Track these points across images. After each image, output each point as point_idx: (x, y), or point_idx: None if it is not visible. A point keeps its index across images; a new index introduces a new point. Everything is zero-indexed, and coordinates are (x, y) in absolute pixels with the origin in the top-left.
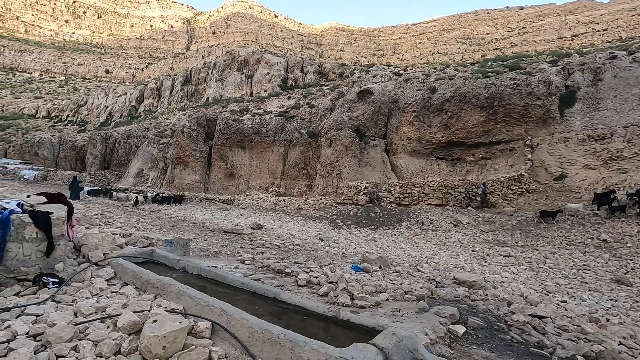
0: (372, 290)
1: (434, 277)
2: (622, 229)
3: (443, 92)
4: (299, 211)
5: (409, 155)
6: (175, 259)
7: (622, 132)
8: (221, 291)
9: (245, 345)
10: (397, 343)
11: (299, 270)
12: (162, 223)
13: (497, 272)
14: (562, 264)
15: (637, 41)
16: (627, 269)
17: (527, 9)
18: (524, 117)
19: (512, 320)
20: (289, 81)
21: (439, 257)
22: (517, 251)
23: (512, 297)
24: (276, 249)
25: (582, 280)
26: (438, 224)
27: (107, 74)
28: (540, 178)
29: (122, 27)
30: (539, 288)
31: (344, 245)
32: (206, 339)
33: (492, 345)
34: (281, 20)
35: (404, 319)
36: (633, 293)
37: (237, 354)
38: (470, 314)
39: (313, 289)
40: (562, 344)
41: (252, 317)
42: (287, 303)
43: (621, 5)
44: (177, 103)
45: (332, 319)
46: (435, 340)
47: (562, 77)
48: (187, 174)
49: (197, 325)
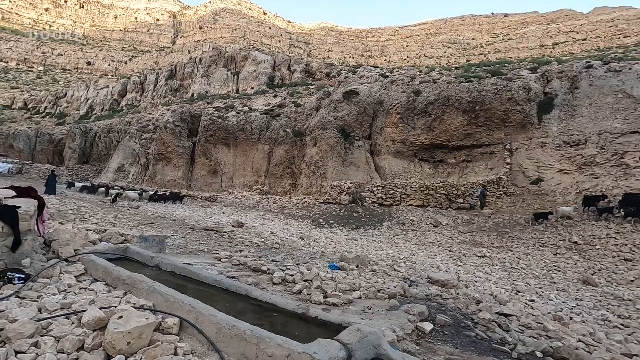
0: (345, 289)
1: (409, 276)
2: (592, 231)
3: (427, 95)
4: (282, 210)
5: (392, 156)
6: (149, 256)
7: (596, 138)
8: (194, 288)
9: (212, 341)
10: (361, 339)
11: (275, 268)
12: (141, 220)
13: (471, 272)
14: (533, 264)
15: (613, 51)
16: (594, 270)
17: (511, 16)
18: (504, 121)
19: (478, 318)
20: (275, 79)
21: (416, 256)
22: (492, 252)
23: (483, 296)
24: (255, 247)
25: (551, 281)
26: (418, 224)
27: (88, 66)
28: (518, 181)
29: (106, 18)
30: (510, 287)
31: (324, 244)
32: (173, 335)
33: (457, 341)
34: (270, 18)
35: (374, 316)
36: (597, 293)
37: (203, 349)
38: (439, 312)
39: (288, 286)
40: (523, 341)
41: (220, 314)
42: (259, 300)
43: (600, 17)
44: (160, 98)
45: (301, 316)
46: (403, 337)
47: (541, 84)
48: (170, 170)
49: (165, 321)
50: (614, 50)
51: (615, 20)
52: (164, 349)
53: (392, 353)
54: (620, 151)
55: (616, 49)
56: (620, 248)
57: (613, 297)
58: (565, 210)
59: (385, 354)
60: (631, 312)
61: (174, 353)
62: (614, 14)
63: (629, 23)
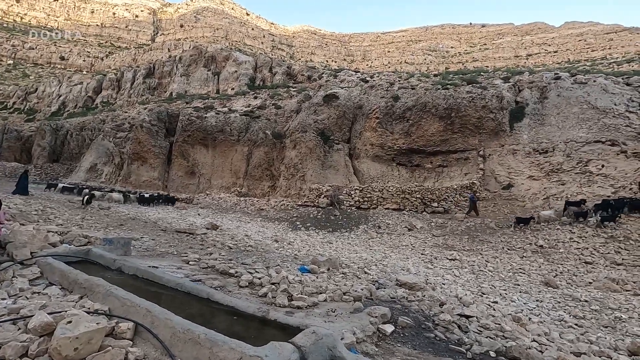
0: (312, 292)
1: (378, 279)
2: (557, 235)
3: (405, 100)
4: (260, 212)
5: (371, 160)
6: (112, 259)
7: (563, 147)
8: (155, 292)
9: (166, 345)
10: (315, 341)
11: (244, 271)
12: (110, 221)
13: (440, 275)
14: (501, 267)
15: (582, 64)
16: (556, 272)
17: (488, 27)
18: (479, 128)
19: (439, 320)
20: (257, 80)
21: (389, 259)
22: (463, 255)
23: (448, 298)
24: (227, 250)
25: (515, 283)
26: (394, 227)
27: (62, 61)
28: (490, 186)
29: (82, 12)
30: (476, 290)
31: (298, 247)
32: (127, 340)
33: (416, 343)
34: (253, 19)
35: (337, 318)
36: (557, 295)
37: (157, 354)
38: (402, 314)
39: (254, 290)
40: (479, 341)
41: (176, 317)
42: (220, 303)
43: (570, 31)
44: (138, 96)
45: (260, 319)
46: (363, 339)
47: (513, 93)
48: (145, 171)
49: (119, 326)
50: (583, 63)
51: (584, 34)
52: (113, 354)
53: (347, 355)
54: (584, 159)
55: (585, 62)
56: (582, 252)
57: (571, 298)
58: (546, 214)
59: (340, 356)
60: (586, 312)
61: (125, 358)
62: (583, 28)
63: (596, 38)
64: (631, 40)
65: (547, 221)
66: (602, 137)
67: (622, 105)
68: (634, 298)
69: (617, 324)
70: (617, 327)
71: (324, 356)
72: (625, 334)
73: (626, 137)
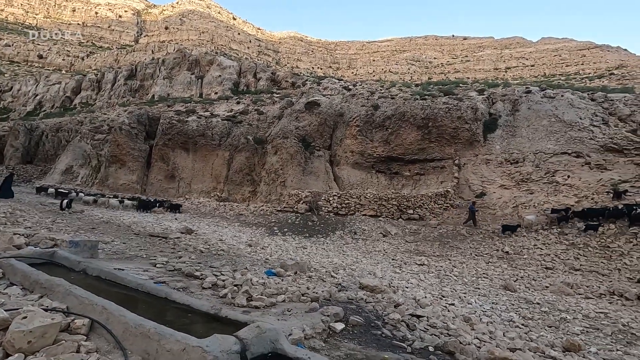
0: (272, 293)
1: (343, 282)
2: (522, 242)
3: (385, 109)
4: (238, 217)
5: (351, 167)
6: (77, 261)
7: (532, 157)
8: (117, 292)
9: (118, 339)
10: (258, 334)
11: (209, 274)
12: (82, 225)
13: (405, 279)
14: (466, 272)
15: (557, 78)
16: (517, 277)
17: (469, 39)
18: (454, 138)
19: (389, 319)
20: (241, 85)
21: (359, 264)
22: (432, 260)
23: (406, 300)
24: (198, 253)
25: (476, 287)
26: (369, 233)
27: (40, 59)
28: (464, 195)
29: (62, 10)
30: (437, 293)
31: (271, 251)
32: (81, 335)
33: (362, 339)
34: (239, 23)
35: (290, 317)
36: (513, 297)
37: (109, 348)
38: (355, 314)
39: (217, 291)
40: (423, 338)
41: (130, 314)
42: (177, 302)
43: (547, 46)
44: (118, 98)
45: (213, 316)
46: (312, 335)
47: (487, 105)
48: (123, 174)
49: (74, 322)
50: (558, 77)
51: (559, 50)
52: (65, 347)
53: (288, 348)
54: (552, 170)
55: (559, 76)
56: (544, 258)
57: (525, 301)
58: (529, 218)
59: (282, 348)
60: (535, 313)
61: (77, 351)
62: (558, 44)
63: (570, 54)
64: (602, 57)
65: (531, 225)
66: (568, 149)
67: (587, 119)
68: (584, 301)
69: (561, 324)
70: (561, 327)
71: (265, 348)
72: (567, 333)
73: (590, 149)
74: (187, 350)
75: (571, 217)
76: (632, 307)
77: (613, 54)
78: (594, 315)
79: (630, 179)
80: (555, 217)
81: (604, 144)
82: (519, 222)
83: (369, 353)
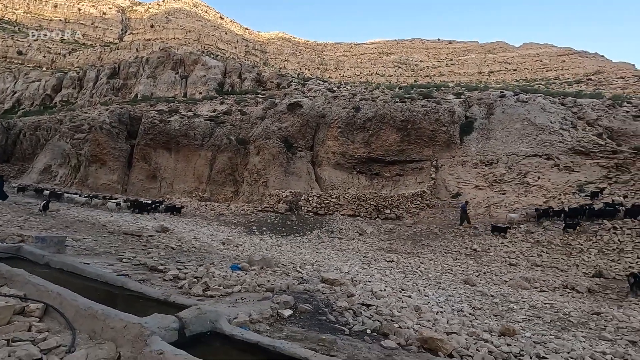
0: (230, 284)
1: (307, 276)
2: (490, 241)
3: (366, 111)
4: (219, 217)
5: (332, 167)
6: (41, 255)
7: (505, 159)
8: (77, 282)
9: (69, 320)
10: (198, 315)
11: (172, 267)
12: (56, 223)
13: (370, 274)
14: (431, 268)
15: (537, 83)
16: (480, 273)
17: (455, 43)
18: (432, 140)
19: (337, 307)
20: (226, 86)
21: (329, 261)
22: (401, 257)
23: (364, 292)
24: (169, 250)
25: (438, 281)
26: (346, 232)
27: (19, 56)
28: (441, 195)
29: (44, 5)
30: (397, 286)
31: (243, 249)
32: (35, 317)
33: (307, 324)
34: (227, 23)
35: (242, 304)
36: (471, 291)
37: (60, 328)
38: (306, 302)
39: (177, 282)
40: (364, 322)
41: (81, 299)
42: (132, 290)
43: (528, 51)
44: (100, 96)
45: (163, 302)
46: (258, 320)
47: (463, 109)
48: (104, 173)
49: (29, 306)
50: (538, 82)
51: (541, 55)
52: (17, 326)
53: (226, 327)
54: (523, 171)
55: (540, 81)
56: (509, 255)
57: (481, 293)
58: (513, 216)
59: (220, 327)
60: (486, 304)
61: (28, 330)
62: (539, 50)
63: (550, 59)
64: (580, 62)
65: (514, 222)
66: (539, 152)
67: (557, 123)
68: (538, 294)
69: (507, 314)
70: (506, 315)
71: (205, 327)
72: (509, 320)
73: (559, 151)
74: (127, 327)
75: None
76: (581, 299)
77: (591, 60)
78: (540, 306)
79: (595, 180)
80: (535, 215)
81: (572, 146)
82: (509, 224)
83: (309, 335)
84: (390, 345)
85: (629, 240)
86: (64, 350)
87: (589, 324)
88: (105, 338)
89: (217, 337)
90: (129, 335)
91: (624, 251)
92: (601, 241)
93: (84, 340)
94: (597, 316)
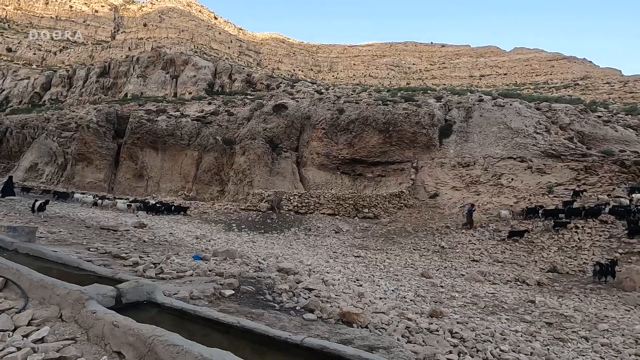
0: (184, 270)
1: (266, 266)
2: (459, 238)
3: (349, 113)
4: (201, 215)
5: (317, 168)
6: (10, 242)
7: (482, 161)
8: (39, 264)
9: (24, 290)
10: (135, 287)
11: (134, 255)
12: (33, 217)
13: (332, 267)
14: (395, 263)
15: (527, 87)
16: (441, 267)
17: (447, 47)
18: (413, 142)
19: (277, 289)
20: (215, 86)
21: (297, 255)
22: (370, 253)
23: (315, 280)
24: (140, 242)
25: (395, 274)
26: (323, 230)
27: (9, 53)
28: (419, 195)
29: (34, 2)
30: (354, 277)
31: (214, 243)
32: None
33: (244, 302)
34: (220, 23)
35: (188, 285)
36: (424, 282)
37: (16, 297)
38: (249, 285)
39: (135, 268)
40: (298, 302)
41: (35, 273)
42: (85, 270)
43: (519, 56)
44: (90, 95)
45: (110, 278)
46: (198, 297)
47: (443, 112)
48: (90, 172)
49: None
50: (528, 86)
51: (530, 60)
52: None
53: (160, 297)
54: (498, 173)
55: (529, 85)
56: (474, 252)
57: (432, 285)
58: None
59: (155, 298)
60: (431, 293)
61: None
62: (529, 54)
63: (540, 64)
64: (569, 68)
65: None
66: (513, 154)
67: (531, 127)
68: (488, 286)
69: (447, 301)
70: (445, 302)
71: (142, 297)
72: (446, 306)
73: (533, 154)
74: (70, 293)
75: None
76: (529, 291)
77: (579, 65)
78: (482, 295)
79: (565, 182)
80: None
81: (545, 150)
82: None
83: (242, 309)
84: (311, 317)
85: (588, 238)
86: (15, 312)
87: (519, 310)
88: (52, 303)
89: (151, 305)
90: (70, 299)
91: (582, 249)
92: (562, 239)
93: (35, 305)
94: (530, 303)
